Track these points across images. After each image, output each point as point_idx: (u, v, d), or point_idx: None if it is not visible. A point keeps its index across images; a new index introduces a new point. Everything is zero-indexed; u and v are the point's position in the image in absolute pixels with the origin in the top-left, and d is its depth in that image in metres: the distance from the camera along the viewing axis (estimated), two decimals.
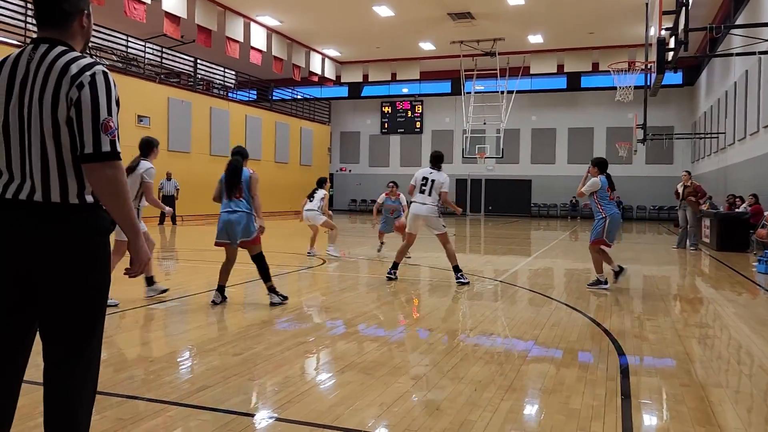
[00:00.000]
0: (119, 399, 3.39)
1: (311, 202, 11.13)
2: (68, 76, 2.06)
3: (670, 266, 10.89)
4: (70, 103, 2.05)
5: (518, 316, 6.15)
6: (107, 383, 3.66)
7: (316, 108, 32.75)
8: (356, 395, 3.56)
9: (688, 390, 3.82)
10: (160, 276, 8.51)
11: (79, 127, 2.06)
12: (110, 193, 2.09)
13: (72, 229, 2.09)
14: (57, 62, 2.08)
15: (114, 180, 2.08)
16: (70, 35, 2.20)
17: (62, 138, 2.08)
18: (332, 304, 6.69)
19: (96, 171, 2.06)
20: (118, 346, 4.68)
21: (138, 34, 21.43)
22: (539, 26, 23.25)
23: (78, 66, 2.08)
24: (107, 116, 2.11)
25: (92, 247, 2.14)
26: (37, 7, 2.19)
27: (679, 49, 8.60)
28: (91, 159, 2.06)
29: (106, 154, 2.07)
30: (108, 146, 2.09)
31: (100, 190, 2.09)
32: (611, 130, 29.96)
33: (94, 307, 2.17)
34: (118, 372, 3.92)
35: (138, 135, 19.57)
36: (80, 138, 2.06)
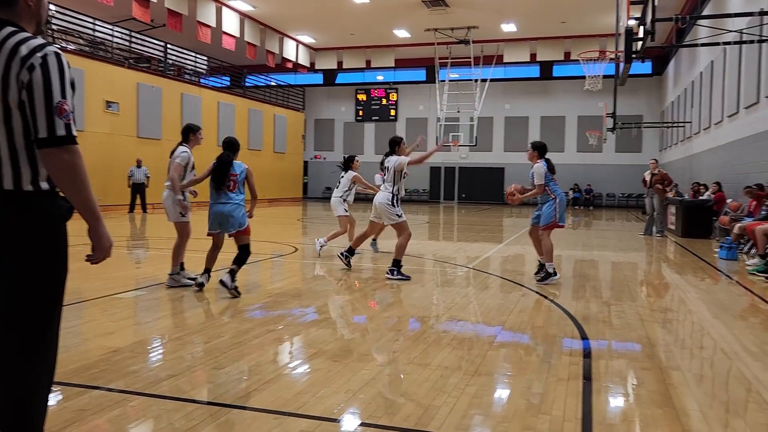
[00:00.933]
0: (80, 389, 3.35)
1: (336, 188, 9.61)
2: (18, 58, 1.98)
3: (637, 252, 11.11)
4: (21, 86, 1.98)
5: (487, 302, 6.22)
6: (69, 373, 3.61)
7: (290, 95, 32.46)
8: (322, 382, 3.57)
9: (649, 373, 3.92)
10: (129, 264, 8.41)
11: (32, 110, 1.99)
12: (67, 179, 2.03)
13: (26, 217, 2.04)
14: (5, 44, 2.00)
15: (71, 165, 2.02)
16: (17, 15, 2.11)
17: (13, 122, 2.01)
18: (303, 291, 6.68)
19: (51, 156, 2.00)
20: (83, 335, 4.62)
21: (106, 17, 20.96)
22: (512, 15, 23.33)
23: (28, 47, 2.00)
24: (61, 99, 2.02)
25: (48, 235, 2.08)
26: None
27: (646, 39, 8.72)
28: (46, 144, 1.99)
29: (61, 138, 2.00)
30: (63, 130, 2.01)
31: (57, 176, 2.04)
32: (582, 119, 30.30)
33: (49, 297, 2.12)
34: (81, 362, 3.87)
35: (106, 121, 19.36)
36: (33, 122, 1.99)
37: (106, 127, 19.18)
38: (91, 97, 18.60)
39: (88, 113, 18.46)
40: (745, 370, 4.02)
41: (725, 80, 15.51)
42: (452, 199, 32.60)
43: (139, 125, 20.79)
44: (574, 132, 30.69)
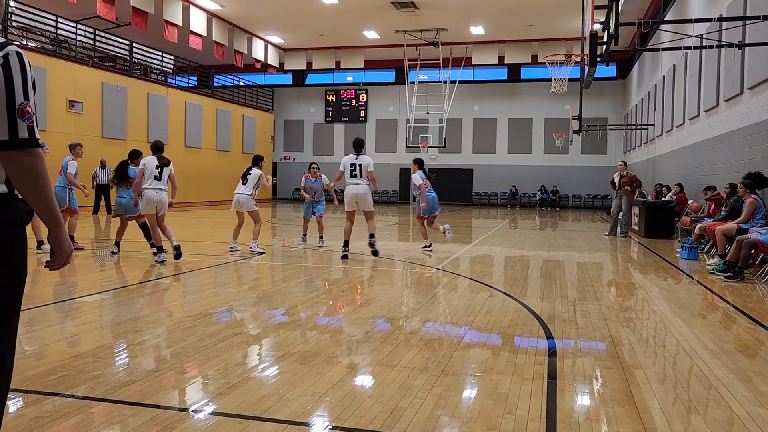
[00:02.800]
0: (38, 396, 3.26)
1: (244, 185, 10.06)
2: None
3: (602, 253, 11.31)
4: None
5: (455, 303, 6.26)
6: (25, 380, 3.52)
7: (259, 95, 32.20)
8: (288, 385, 3.55)
9: (611, 372, 3.99)
10: (94, 267, 8.24)
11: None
12: (28, 182, 1.98)
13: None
14: None
15: (32, 168, 1.97)
16: None
17: None
18: (271, 293, 6.63)
19: (12, 159, 1.94)
20: (42, 340, 4.50)
21: (69, 14, 20.50)
22: (481, 17, 23.55)
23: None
24: (24, 101, 1.96)
25: (5, 238, 2.00)
26: None
27: (610, 43, 8.89)
28: (8, 146, 1.93)
29: (23, 141, 1.95)
30: (25, 132, 1.96)
31: (17, 179, 1.98)
32: (549, 121, 30.74)
33: (7, 301, 2.04)
34: (40, 368, 3.77)
35: (69, 121, 18.98)
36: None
37: (69, 127, 18.76)
38: (53, 96, 18.17)
39: (50, 113, 18.03)
40: (705, 368, 4.12)
41: (686, 84, 15.91)
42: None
43: (104, 125, 20.38)
44: (541, 134, 31.12)
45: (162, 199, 8.67)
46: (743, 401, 3.47)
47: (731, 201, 9.75)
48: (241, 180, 10.14)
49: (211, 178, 26.04)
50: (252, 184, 10.05)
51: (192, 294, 6.70)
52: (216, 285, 7.32)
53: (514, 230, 16.72)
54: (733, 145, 11.80)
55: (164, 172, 8.70)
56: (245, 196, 10.00)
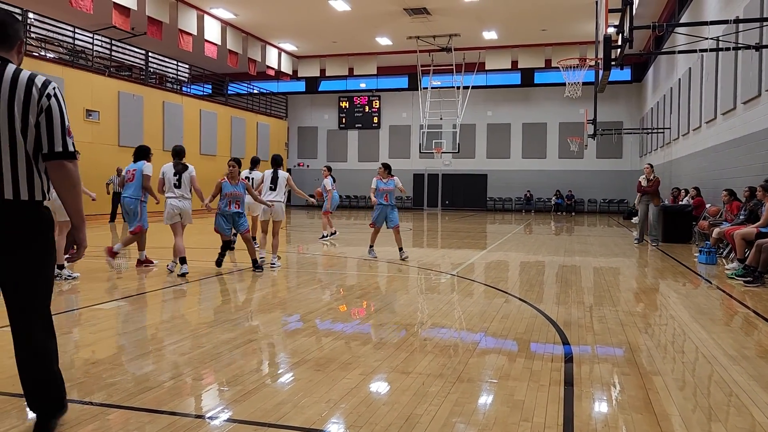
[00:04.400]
0: None
1: (274, 191, 9.01)
2: (36, 88, 2.49)
3: (618, 258, 11.21)
4: (40, 110, 2.49)
5: (470, 309, 6.23)
6: None
7: (272, 103, 32.39)
8: (303, 392, 3.55)
9: (629, 378, 3.94)
10: (111, 274, 8.30)
11: (49, 130, 2.50)
12: (69, 186, 2.56)
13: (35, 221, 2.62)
14: (20, 76, 2.49)
15: (74, 174, 2.56)
16: (13, 56, 2.63)
17: (26, 140, 2.49)
18: (286, 300, 6.64)
19: (61, 166, 2.53)
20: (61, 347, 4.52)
21: (86, 25, 20.79)
22: (493, 22, 23.52)
23: (41, 80, 2.53)
24: (68, 123, 2.59)
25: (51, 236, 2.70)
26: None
27: (625, 47, 8.81)
28: (60, 156, 2.53)
29: (71, 153, 2.57)
30: (71, 147, 2.59)
31: (61, 183, 2.54)
32: (563, 125, 30.58)
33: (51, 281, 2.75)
34: None
35: (86, 130, 19.22)
36: (50, 139, 2.51)
37: (86, 135, 18.98)
38: (71, 105, 18.39)
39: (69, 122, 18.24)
40: (725, 374, 4.06)
41: (703, 87, 15.75)
42: (436, 206, 32.69)
43: (120, 134, 20.59)
44: (556, 138, 30.96)
45: (185, 208, 8.25)
46: (765, 408, 3.42)
47: (750, 204, 9.62)
48: (270, 185, 9.11)
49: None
50: (283, 189, 9.11)
51: (208, 301, 6.73)
52: (231, 292, 7.35)
53: (529, 235, 16.63)
54: (751, 148, 11.65)
55: (183, 179, 8.26)
56: (279, 203, 9.05)
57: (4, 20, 2.59)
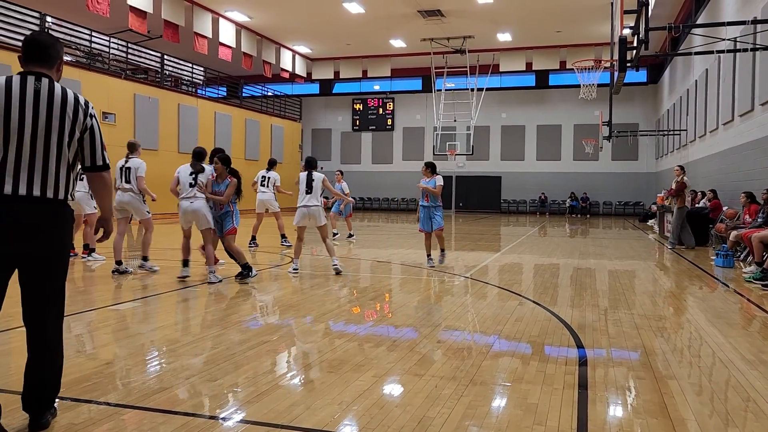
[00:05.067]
0: (71, 403, 3.32)
1: (310, 194, 8.41)
2: (82, 108, 2.93)
3: (633, 260, 11.11)
4: (84, 128, 2.93)
5: (483, 311, 6.21)
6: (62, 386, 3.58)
7: (286, 105, 32.52)
8: (316, 394, 3.55)
9: (644, 382, 3.90)
10: (127, 275, 8.38)
11: (92, 146, 2.98)
12: (106, 191, 3.08)
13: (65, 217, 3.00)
14: (67, 94, 2.90)
15: (110, 182, 3.08)
16: (53, 73, 2.96)
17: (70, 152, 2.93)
18: (299, 302, 6.66)
19: (101, 177, 3.06)
20: (76, 347, 4.59)
21: (102, 28, 21.00)
22: (508, 24, 23.45)
23: (84, 100, 2.96)
24: (103, 139, 3.06)
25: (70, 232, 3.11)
26: (32, 48, 2.91)
27: (640, 48, 8.76)
28: (101, 169, 3.04)
29: (108, 165, 3.07)
30: (108, 160, 3.08)
31: (100, 189, 3.08)
32: (578, 127, 30.40)
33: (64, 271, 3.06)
34: (74, 374, 3.84)
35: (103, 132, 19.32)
36: (92, 154, 2.99)
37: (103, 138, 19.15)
38: None
39: None
40: (742, 379, 4.01)
41: (720, 88, 15.58)
42: (449, 207, 32.63)
43: (136, 136, 20.74)
44: (570, 140, 30.78)
45: (198, 209, 7.70)
46: None
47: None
48: (306, 188, 8.44)
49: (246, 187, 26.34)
50: (319, 192, 8.48)
51: (222, 302, 6.76)
52: (245, 293, 7.38)
53: (544, 238, 16.54)
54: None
55: (200, 179, 7.73)
56: (316, 207, 8.42)
57: (47, 41, 2.95)
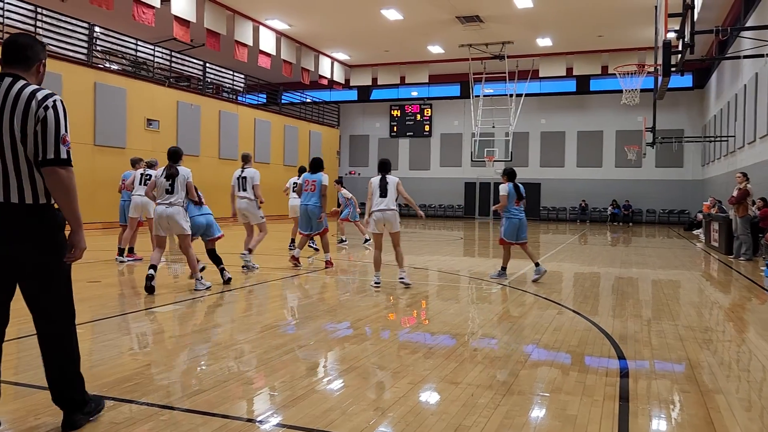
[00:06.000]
0: (113, 402, 3.39)
1: (385, 197, 7.87)
2: (36, 100, 2.68)
3: (678, 270, 10.80)
4: (37, 120, 2.67)
5: (521, 320, 6.12)
6: (104, 386, 3.67)
7: (325, 111, 32.81)
8: (352, 399, 3.55)
9: (689, 396, 3.78)
10: (167, 279, 8.55)
11: (44, 138, 2.67)
12: (63, 191, 2.70)
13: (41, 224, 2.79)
14: (24, 90, 2.70)
15: (67, 180, 2.70)
16: (29, 75, 2.83)
17: (26, 147, 2.68)
18: (336, 307, 6.68)
19: (54, 172, 2.68)
20: (118, 348, 4.70)
21: (147, 37, 21.58)
22: (548, 29, 23.18)
23: (42, 93, 2.71)
24: (64, 133, 2.73)
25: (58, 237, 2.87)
26: (7, 50, 2.81)
27: (685, 52, 8.54)
28: (52, 163, 2.68)
29: (63, 160, 2.71)
30: (65, 154, 2.72)
31: (54, 188, 2.70)
32: (620, 133, 29.79)
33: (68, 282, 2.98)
34: (116, 375, 3.93)
35: (147, 138, 19.89)
36: (44, 147, 2.67)
37: (146, 144, 19.66)
38: (132, 115, 19.12)
39: (129, 131, 18.96)
40: None
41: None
42: (487, 215, 32.34)
43: (179, 142, 21.22)
44: (612, 147, 30.19)
45: (173, 215, 7.18)
46: None
47: None
48: (381, 192, 7.93)
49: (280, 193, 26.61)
50: (395, 196, 7.97)
51: (259, 306, 6.83)
52: (282, 298, 7.45)
53: (584, 246, 16.24)
54: None
55: (177, 183, 7.23)
56: (392, 212, 7.90)
57: (24, 43, 2.84)
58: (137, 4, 16.74)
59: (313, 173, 9.68)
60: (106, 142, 18.10)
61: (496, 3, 20.18)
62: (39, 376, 3.53)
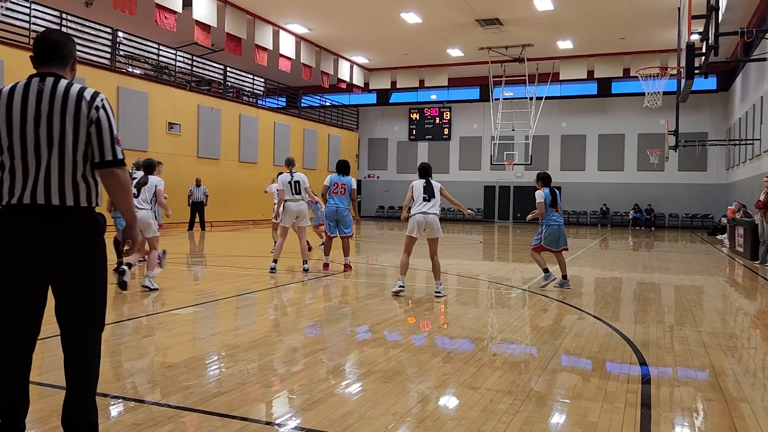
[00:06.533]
0: (135, 404, 3.43)
1: (428, 201, 7.55)
2: (85, 101, 2.61)
3: (702, 276, 10.63)
4: (90, 122, 2.60)
5: (541, 325, 6.07)
6: (123, 387, 3.71)
7: (344, 115, 32.91)
8: (370, 403, 3.54)
9: (713, 404, 3.72)
10: (188, 281, 8.63)
11: (99, 140, 2.62)
12: (122, 190, 2.69)
13: (90, 227, 2.69)
14: (70, 90, 2.61)
15: (125, 180, 2.70)
16: (66, 72, 2.74)
17: (78, 150, 2.61)
18: (355, 310, 6.69)
19: (113, 173, 2.66)
20: (139, 350, 4.75)
21: (169, 42, 21.85)
22: (569, 32, 23.02)
23: (90, 93, 2.64)
24: (117, 133, 2.70)
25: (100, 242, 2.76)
26: (42, 47, 2.70)
27: (709, 54, 8.42)
28: (111, 164, 2.65)
29: (120, 160, 2.69)
30: (121, 154, 2.70)
31: (114, 188, 2.67)
32: (642, 137, 29.45)
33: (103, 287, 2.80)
34: (136, 376, 3.97)
35: (168, 142, 20.14)
36: (100, 149, 2.62)
37: (168, 147, 19.89)
38: (154, 118, 19.35)
39: (151, 134, 19.19)
40: None
41: None
42: (507, 218, 32.17)
43: (200, 145, 21.45)
44: (634, 150, 29.86)
45: (142, 218, 7.29)
46: None
47: None
48: (424, 195, 7.59)
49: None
50: (439, 200, 7.66)
51: (279, 309, 6.86)
52: (302, 301, 7.47)
53: (605, 250, 16.06)
54: None
55: (144, 191, 7.49)
56: (434, 216, 7.56)
57: (59, 40, 2.74)
58: (159, 9, 16.96)
59: (343, 175, 9.66)
60: (128, 145, 18.32)
61: (516, 6, 20.10)
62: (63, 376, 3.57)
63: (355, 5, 20.33)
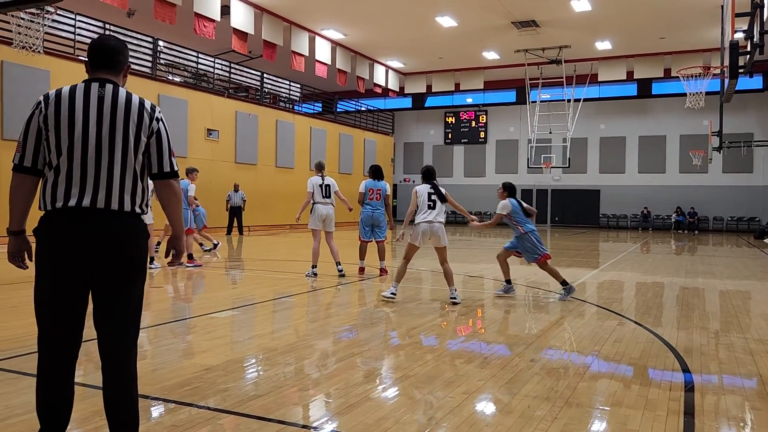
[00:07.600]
0: (174, 405, 3.49)
1: (433, 209, 7.34)
2: (147, 112, 2.68)
3: (748, 281, 10.29)
4: (150, 133, 2.67)
5: (580, 330, 5.96)
6: (164, 389, 3.78)
7: (379, 119, 33.01)
8: (406, 408, 3.53)
9: (761, 414, 3.59)
10: (226, 285, 8.77)
11: (159, 152, 2.70)
12: (176, 201, 2.74)
13: (139, 231, 2.69)
14: (132, 99, 2.66)
15: (179, 190, 2.78)
16: (120, 79, 2.77)
17: (136, 158, 2.65)
18: (390, 314, 6.68)
19: (169, 184, 2.73)
20: (178, 353, 4.83)
21: (208, 50, 22.28)
22: (607, 32, 22.63)
23: (149, 104, 2.73)
24: (171, 145, 2.79)
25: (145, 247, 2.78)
26: (100, 54, 2.72)
27: (754, 53, 8.15)
28: (169, 176, 2.72)
29: (176, 172, 2.77)
30: (176, 166, 2.79)
31: (169, 198, 2.73)
32: (684, 138, 28.73)
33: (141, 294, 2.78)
34: (176, 379, 4.04)
35: (207, 148, 20.51)
36: (159, 160, 2.70)
37: (206, 153, 20.26)
38: (193, 125, 19.75)
39: (190, 140, 19.58)
40: None
41: None
42: (545, 222, 31.74)
43: (237, 151, 21.79)
44: (676, 152, 29.14)
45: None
46: None
47: None
48: (428, 203, 7.37)
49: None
50: (444, 207, 7.49)
51: (315, 313, 6.91)
52: (337, 305, 7.51)
53: (647, 254, 15.70)
54: None
55: None
56: (440, 224, 7.38)
57: (115, 46, 2.75)
58: (198, 18, 17.31)
59: (378, 180, 9.77)
60: None
61: (553, 7, 19.86)
62: None
63: (391, 10, 20.38)
